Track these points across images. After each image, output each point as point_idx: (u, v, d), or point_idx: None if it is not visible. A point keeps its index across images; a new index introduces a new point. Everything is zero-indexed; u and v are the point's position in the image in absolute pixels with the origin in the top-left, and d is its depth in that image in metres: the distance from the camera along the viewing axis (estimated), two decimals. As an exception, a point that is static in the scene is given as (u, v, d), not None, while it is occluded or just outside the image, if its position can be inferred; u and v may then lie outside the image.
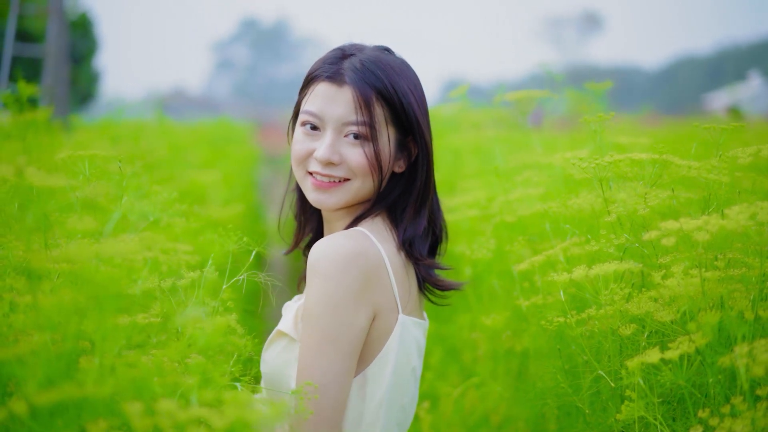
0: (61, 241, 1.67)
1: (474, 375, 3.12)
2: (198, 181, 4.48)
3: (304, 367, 1.87)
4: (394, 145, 2.03)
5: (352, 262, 1.88)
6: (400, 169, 2.07)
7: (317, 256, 1.88)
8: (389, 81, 1.99)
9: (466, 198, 3.43)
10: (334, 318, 1.86)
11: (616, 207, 2.06)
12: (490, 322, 2.62)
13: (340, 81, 1.99)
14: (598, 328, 1.96)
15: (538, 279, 2.38)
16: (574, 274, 1.90)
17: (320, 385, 1.85)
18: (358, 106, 1.97)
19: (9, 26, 11.76)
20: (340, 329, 1.87)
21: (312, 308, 1.87)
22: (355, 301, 1.88)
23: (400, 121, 2.01)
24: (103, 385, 1.31)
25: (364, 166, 1.98)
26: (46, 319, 1.37)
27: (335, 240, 1.91)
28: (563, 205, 2.32)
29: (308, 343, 1.87)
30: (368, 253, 1.91)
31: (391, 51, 2.11)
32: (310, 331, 1.87)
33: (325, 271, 1.86)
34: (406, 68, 2.07)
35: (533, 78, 62.54)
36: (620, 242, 2.01)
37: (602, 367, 1.98)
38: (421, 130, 2.03)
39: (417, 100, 2.03)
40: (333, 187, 2.01)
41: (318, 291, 1.86)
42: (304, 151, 2.03)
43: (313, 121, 2.01)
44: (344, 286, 1.87)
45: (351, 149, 1.98)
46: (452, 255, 3.52)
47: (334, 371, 1.87)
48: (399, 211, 2.06)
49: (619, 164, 2.10)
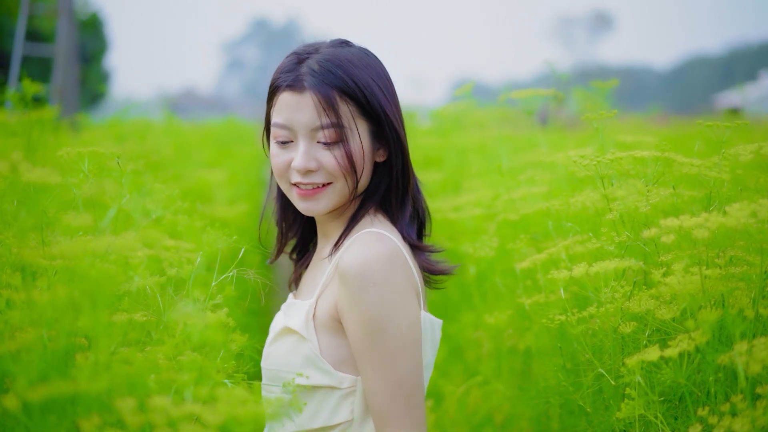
0: (58, 237, 1.67)
1: (478, 374, 3.11)
2: (204, 180, 4.48)
3: (398, 375, 1.89)
4: (370, 138, 2.01)
5: (394, 262, 1.90)
6: (382, 159, 2.06)
7: (360, 269, 1.88)
8: (349, 76, 1.97)
9: (470, 197, 3.42)
10: (404, 318, 1.89)
11: (617, 205, 2.05)
12: (493, 321, 2.61)
13: (300, 87, 1.96)
14: (599, 326, 1.95)
15: (541, 277, 2.37)
16: (575, 271, 1.89)
17: (416, 384, 1.91)
18: (322, 110, 1.95)
19: (19, 26, 11.80)
20: (412, 326, 1.91)
21: (378, 317, 1.87)
22: (410, 297, 1.92)
23: (368, 113, 2.00)
24: (97, 381, 1.30)
25: (339, 168, 1.97)
26: (42, 315, 1.37)
27: (369, 248, 1.91)
28: (565, 203, 2.31)
29: (389, 350, 1.89)
30: (398, 250, 1.93)
31: (349, 43, 2.07)
32: (387, 339, 1.88)
33: (377, 279, 1.87)
34: (366, 57, 2.04)
35: (543, 77, 62.43)
36: (621, 240, 2.00)
37: (603, 365, 1.97)
38: (389, 118, 2.00)
39: (381, 88, 2.01)
40: (317, 193, 2.00)
41: (377, 299, 1.87)
42: (282, 164, 2.02)
43: (284, 135, 2.00)
44: (399, 286, 1.89)
45: (324, 153, 1.97)
46: (456, 253, 3.51)
47: (420, 366, 1.92)
48: (387, 202, 2.06)
49: (621, 162, 2.09)
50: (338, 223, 2.09)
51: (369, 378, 1.91)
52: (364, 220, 2.04)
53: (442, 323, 2.13)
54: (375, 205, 2.06)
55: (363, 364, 1.91)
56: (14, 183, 1.49)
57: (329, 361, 1.95)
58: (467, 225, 3.31)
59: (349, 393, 1.96)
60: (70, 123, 6.45)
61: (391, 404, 1.89)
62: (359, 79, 1.98)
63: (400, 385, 1.89)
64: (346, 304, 1.90)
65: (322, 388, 1.95)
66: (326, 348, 1.96)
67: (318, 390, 1.95)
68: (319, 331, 1.97)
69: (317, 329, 1.97)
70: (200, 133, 8.86)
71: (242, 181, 6.85)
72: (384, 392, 1.90)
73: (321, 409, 1.96)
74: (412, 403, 1.90)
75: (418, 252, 2.07)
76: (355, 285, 1.87)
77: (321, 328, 1.97)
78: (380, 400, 1.90)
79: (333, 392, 1.95)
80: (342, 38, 2.10)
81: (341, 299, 1.92)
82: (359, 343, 1.90)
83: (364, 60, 2.03)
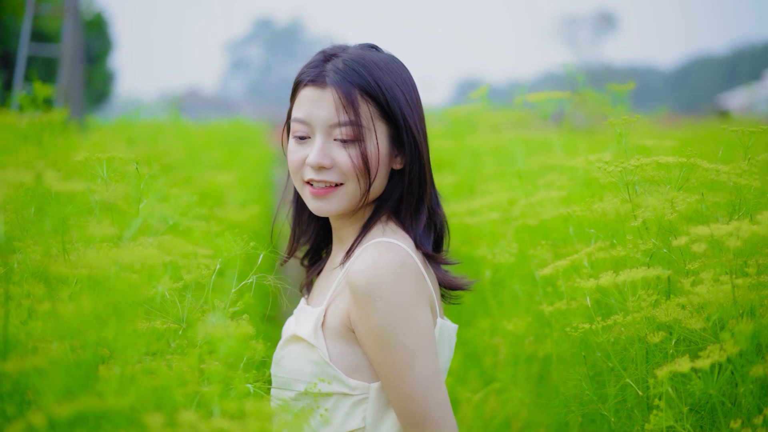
0: (79, 245, 1.64)
1: (494, 380, 3.08)
2: (215, 183, 4.45)
3: (414, 385, 1.88)
4: (388, 142, 1.99)
5: (402, 272, 1.88)
6: (399, 166, 2.03)
7: (367, 282, 1.87)
8: (372, 77, 1.96)
9: (486, 200, 3.39)
10: (411, 329, 1.87)
11: (642, 211, 2.02)
12: (512, 327, 2.58)
13: (323, 83, 1.96)
14: (625, 335, 1.92)
15: (562, 284, 2.34)
16: (602, 280, 1.86)
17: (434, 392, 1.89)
18: (341, 106, 1.94)
19: (24, 26, 11.78)
20: (422, 336, 1.88)
21: (386, 331, 1.87)
22: (419, 305, 1.90)
23: (388, 116, 1.98)
24: (124, 395, 1.28)
25: (352, 168, 1.95)
26: (66, 326, 1.34)
27: (376, 259, 1.89)
28: (587, 208, 2.28)
29: (401, 361, 1.88)
30: (407, 259, 1.91)
31: (377, 48, 2.07)
32: (397, 351, 1.87)
33: (382, 292, 1.86)
34: (393, 63, 2.03)
35: (547, 78, 62.40)
36: (647, 248, 1.97)
37: (629, 374, 1.94)
38: (408, 124, 1.98)
39: (405, 94, 1.99)
40: (329, 193, 1.98)
41: (384, 313, 1.86)
42: (298, 160, 2.00)
43: (302, 130, 1.99)
44: (406, 297, 1.87)
45: (340, 151, 1.95)
46: (472, 258, 3.49)
47: (434, 373, 1.89)
48: (401, 210, 2.04)
49: (645, 168, 2.06)
50: (353, 230, 2.07)
51: (387, 387, 1.92)
52: (376, 227, 2.02)
53: (457, 328, 2.12)
54: (388, 212, 2.04)
55: (380, 374, 1.92)
56: (33, 190, 1.46)
57: (341, 369, 1.94)
58: (483, 229, 3.28)
59: (362, 400, 1.95)
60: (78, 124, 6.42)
61: (411, 413, 1.89)
62: (382, 81, 1.97)
63: (418, 394, 1.89)
64: (356, 316, 1.90)
65: (333, 394, 1.94)
66: (337, 355, 1.94)
67: (330, 397, 1.94)
68: (329, 338, 1.95)
69: (326, 337, 1.96)
70: (208, 135, 8.83)
71: (252, 184, 6.82)
72: (402, 401, 1.90)
73: (333, 416, 1.95)
74: (432, 410, 1.89)
75: (433, 263, 2.05)
76: (363, 299, 1.87)
77: (331, 335, 1.95)
78: (400, 409, 1.91)
79: (345, 399, 1.94)
80: (371, 43, 2.10)
81: (352, 311, 1.91)
82: (373, 356, 1.91)
83: (391, 65, 2.02)
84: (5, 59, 18.43)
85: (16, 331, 1.45)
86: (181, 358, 1.57)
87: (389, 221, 2.03)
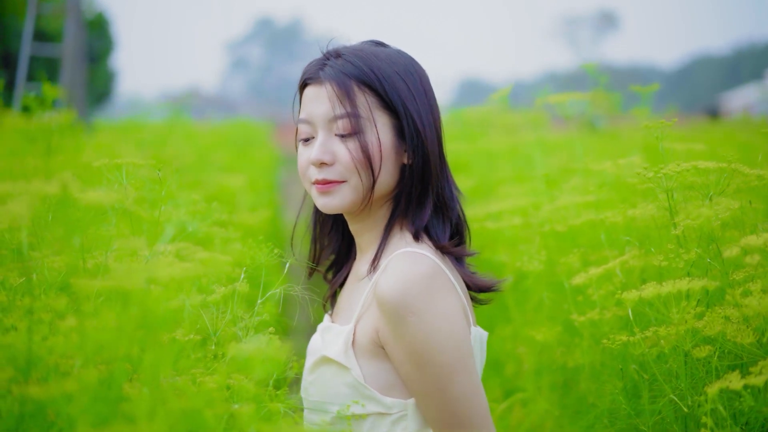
0: (107, 257, 1.56)
1: (516, 389, 3.00)
2: (226, 186, 4.38)
3: (454, 400, 1.80)
4: (392, 133, 1.90)
5: (431, 284, 1.80)
6: (409, 161, 1.93)
7: (397, 299, 1.77)
8: (368, 66, 1.88)
9: (505, 204, 3.31)
10: (449, 344, 1.79)
11: (683, 219, 1.94)
12: (541, 337, 2.50)
13: (319, 80, 1.90)
14: (666, 348, 1.85)
15: (594, 293, 2.26)
16: (645, 291, 1.78)
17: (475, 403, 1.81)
18: (337, 99, 1.87)
19: (27, 26, 11.73)
20: (460, 348, 1.80)
21: (422, 348, 1.78)
22: (454, 317, 1.81)
23: (388, 105, 1.89)
24: (154, 419, 1.20)
25: (352, 162, 1.87)
26: (91, 342, 1.27)
27: (404, 273, 1.80)
28: (622, 215, 2.20)
29: (441, 378, 1.79)
30: (436, 269, 1.83)
31: (383, 44, 2.00)
32: (435, 368, 1.79)
33: (415, 308, 1.77)
34: (397, 55, 1.95)
35: (547, 77, 62.35)
36: (690, 257, 1.89)
37: (671, 388, 1.86)
38: (409, 113, 1.89)
39: (406, 82, 1.91)
40: (333, 187, 1.89)
41: (419, 329, 1.77)
42: (304, 162, 1.94)
43: (306, 131, 1.93)
44: (441, 310, 1.79)
45: (340, 146, 1.88)
46: (492, 263, 3.41)
47: (476, 386, 1.82)
48: (405, 204, 1.95)
49: (685, 174, 1.98)
50: (372, 236, 1.98)
51: (425, 406, 1.83)
52: (395, 234, 1.93)
53: (487, 335, 2.02)
54: (402, 217, 1.95)
55: (416, 393, 1.82)
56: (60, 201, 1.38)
57: (375, 388, 1.85)
58: (504, 234, 3.20)
59: (400, 418, 1.86)
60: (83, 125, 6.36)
61: (452, 428, 1.80)
62: (379, 69, 1.89)
63: (460, 410, 1.80)
64: (388, 334, 1.81)
65: (371, 415, 1.85)
66: (371, 374, 1.85)
67: (367, 418, 1.85)
68: (360, 357, 1.86)
69: (358, 356, 1.86)
70: (213, 136, 8.76)
71: (262, 186, 6.74)
72: (444, 419, 1.81)
73: None
74: (477, 424, 1.80)
75: (459, 267, 1.96)
76: (394, 316, 1.78)
77: (362, 354, 1.86)
78: (441, 426, 1.82)
79: (383, 419, 1.85)
80: (377, 40, 2.02)
81: (382, 328, 1.82)
82: (408, 374, 1.82)
83: (393, 56, 1.94)
84: (7, 59, 18.38)
85: (37, 347, 1.37)
86: (209, 375, 1.50)
87: (404, 227, 1.95)
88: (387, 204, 1.96)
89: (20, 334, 1.34)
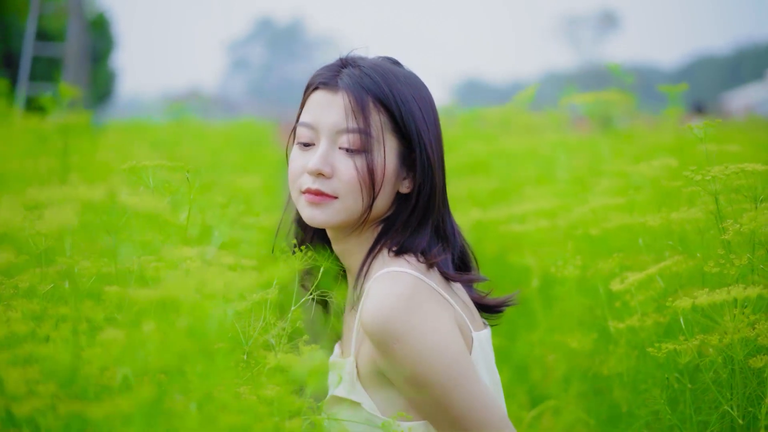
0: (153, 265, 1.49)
1: (544, 396, 2.94)
2: (241, 187, 4.31)
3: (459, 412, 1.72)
4: (397, 160, 1.83)
5: (410, 305, 1.71)
6: (406, 190, 1.86)
7: (377, 327, 1.69)
8: (388, 86, 1.81)
9: (530, 206, 3.25)
10: (440, 363, 1.71)
11: (731, 224, 1.88)
12: (576, 344, 2.44)
13: (334, 86, 1.82)
14: (719, 358, 1.79)
15: (632, 299, 2.20)
16: (699, 299, 1.72)
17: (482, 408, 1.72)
18: (351, 112, 1.79)
19: (29, 25, 11.69)
20: (454, 364, 1.72)
21: (414, 371, 1.70)
22: (442, 332, 1.73)
23: (400, 130, 1.82)
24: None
25: (356, 179, 1.78)
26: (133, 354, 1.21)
27: (380, 299, 1.72)
28: (663, 218, 2.14)
29: (440, 395, 1.71)
30: (413, 286, 1.74)
31: (399, 63, 1.92)
32: (433, 387, 1.71)
33: (396, 334, 1.69)
34: (413, 78, 1.89)
35: (548, 77, 62.32)
36: (742, 263, 1.83)
37: (727, 400, 1.80)
38: (422, 142, 1.82)
39: (421, 109, 1.84)
40: (324, 201, 1.80)
41: (405, 356, 1.70)
42: (299, 168, 1.84)
43: (307, 135, 1.84)
44: (424, 329, 1.70)
45: (344, 160, 1.79)
46: (516, 267, 3.35)
47: (482, 395, 1.73)
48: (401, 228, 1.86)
49: (733, 177, 1.92)
50: (356, 260, 1.89)
51: (438, 425, 1.76)
52: (378, 257, 1.84)
53: (490, 332, 1.94)
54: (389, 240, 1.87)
55: (425, 414, 1.76)
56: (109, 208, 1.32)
57: (391, 416, 1.77)
58: (530, 237, 3.13)
59: None
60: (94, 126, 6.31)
61: None
62: (399, 92, 1.82)
63: (470, 423, 1.72)
64: (382, 363, 1.75)
65: None
66: (382, 402, 1.79)
67: None
68: (369, 387, 1.80)
69: (366, 387, 1.80)
70: (220, 136, 8.71)
71: (276, 187, 6.68)
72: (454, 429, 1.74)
73: None
74: (492, 429, 1.72)
75: (469, 291, 1.90)
76: (381, 345, 1.71)
77: (369, 384, 1.80)
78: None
79: None
80: (393, 58, 1.95)
81: (376, 356, 1.75)
82: (412, 398, 1.76)
83: (410, 79, 1.87)
84: (9, 59, 18.33)
85: (76, 359, 1.31)
86: (255, 388, 1.44)
87: (384, 249, 1.85)
88: (372, 229, 1.88)
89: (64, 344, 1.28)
